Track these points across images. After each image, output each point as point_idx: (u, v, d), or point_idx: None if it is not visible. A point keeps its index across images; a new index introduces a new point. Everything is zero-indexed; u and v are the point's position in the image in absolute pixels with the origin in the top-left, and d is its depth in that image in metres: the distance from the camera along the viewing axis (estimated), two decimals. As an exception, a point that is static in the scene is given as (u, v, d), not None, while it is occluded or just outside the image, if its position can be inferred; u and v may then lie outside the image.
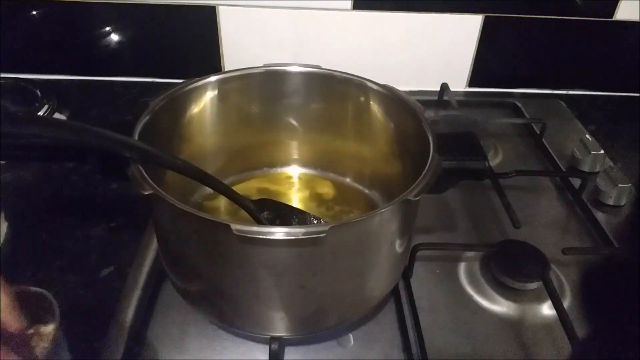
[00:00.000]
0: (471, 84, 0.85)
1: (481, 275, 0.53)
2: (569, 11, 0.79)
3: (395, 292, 0.50)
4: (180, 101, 0.50)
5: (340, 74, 0.54)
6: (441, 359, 0.45)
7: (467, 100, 0.83)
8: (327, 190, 0.59)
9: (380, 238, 0.41)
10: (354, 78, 0.53)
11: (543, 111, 0.80)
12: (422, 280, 0.52)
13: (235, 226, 0.34)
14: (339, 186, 0.59)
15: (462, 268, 0.54)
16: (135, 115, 0.44)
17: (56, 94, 0.72)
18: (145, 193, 0.36)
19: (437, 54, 0.81)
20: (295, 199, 0.58)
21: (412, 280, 0.51)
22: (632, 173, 0.67)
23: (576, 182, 0.64)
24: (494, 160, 0.70)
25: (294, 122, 0.58)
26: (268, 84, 0.55)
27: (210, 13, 0.75)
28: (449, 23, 0.78)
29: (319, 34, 0.78)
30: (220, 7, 0.75)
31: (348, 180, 0.60)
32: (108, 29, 0.77)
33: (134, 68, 0.81)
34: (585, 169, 0.67)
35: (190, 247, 0.40)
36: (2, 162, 0.63)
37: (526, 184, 0.65)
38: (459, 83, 0.84)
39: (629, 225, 0.61)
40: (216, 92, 0.53)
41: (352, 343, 0.46)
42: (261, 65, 0.54)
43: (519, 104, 0.81)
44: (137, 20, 0.76)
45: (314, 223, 0.49)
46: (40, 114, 0.67)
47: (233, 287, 0.40)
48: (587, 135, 0.69)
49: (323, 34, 0.78)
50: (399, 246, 0.44)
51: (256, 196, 0.51)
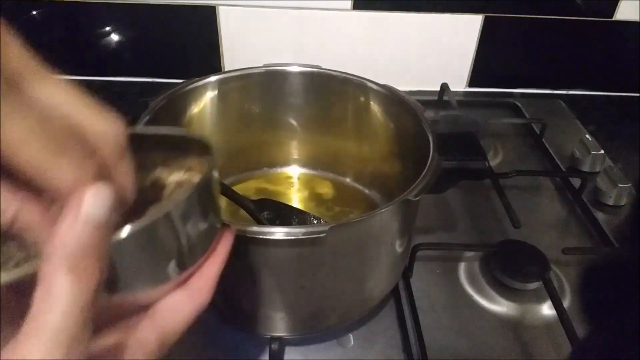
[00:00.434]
0: (471, 84, 0.85)
1: (481, 275, 0.53)
2: (569, 11, 0.78)
3: (395, 292, 0.50)
4: (180, 101, 0.50)
5: (340, 74, 0.54)
6: (441, 359, 0.45)
7: (467, 100, 0.83)
8: (327, 190, 0.59)
9: (380, 238, 0.41)
10: (354, 78, 0.53)
11: (543, 111, 0.80)
12: (422, 280, 0.52)
13: (235, 226, 0.34)
14: (339, 186, 0.59)
15: (462, 268, 0.54)
16: (135, 116, 0.44)
17: (56, 94, 0.72)
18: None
19: (437, 54, 0.81)
20: (295, 199, 0.58)
21: (412, 280, 0.51)
22: (632, 173, 0.67)
23: (576, 182, 0.64)
24: (494, 160, 0.70)
25: (294, 122, 0.58)
26: (268, 84, 0.55)
27: (210, 13, 0.75)
28: (449, 23, 0.78)
29: (319, 34, 0.78)
30: (220, 7, 0.75)
31: (348, 180, 0.60)
32: (108, 28, 0.77)
33: (133, 68, 0.81)
34: (585, 169, 0.67)
35: (190, 247, 0.40)
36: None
37: (526, 184, 0.65)
38: (459, 83, 0.84)
39: (629, 225, 0.60)
40: (216, 92, 0.53)
41: (352, 343, 0.46)
42: (261, 65, 0.54)
43: (519, 104, 0.81)
44: (137, 20, 0.76)
45: (313, 223, 0.49)
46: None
47: (233, 287, 0.40)
48: (587, 135, 0.69)
49: (323, 34, 0.78)
50: (399, 246, 0.44)
51: (256, 196, 0.51)
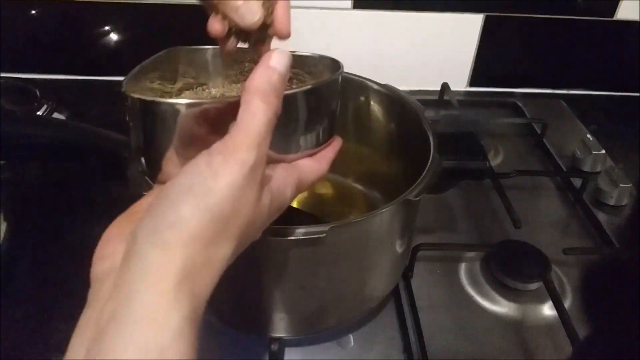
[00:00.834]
0: (472, 83, 0.85)
1: (482, 275, 0.53)
2: (570, 11, 0.78)
3: (395, 293, 0.50)
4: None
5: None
6: (442, 359, 0.45)
7: (468, 100, 0.83)
8: (327, 190, 0.59)
9: (380, 238, 0.41)
10: (354, 77, 0.53)
11: (544, 111, 0.80)
12: (423, 281, 0.52)
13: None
14: (339, 186, 0.59)
15: (463, 268, 0.54)
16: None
17: (55, 93, 0.72)
18: (145, 193, 0.36)
19: (438, 54, 0.81)
20: (295, 199, 0.58)
21: (413, 280, 0.51)
22: (633, 173, 0.67)
23: (577, 182, 0.64)
24: (495, 160, 0.70)
25: (294, 122, 0.58)
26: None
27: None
28: (450, 22, 0.78)
29: (319, 33, 0.77)
30: (220, 7, 0.75)
31: (348, 180, 0.59)
32: (108, 28, 0.77)
33: (133, 68, 0.80)
34: (586, 169, 0.67)
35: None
36: (2, 162, 0.63)
37: (527, 184, 0.65)
38: (460, 83, 0.84)
39: (630, 225, 0.60)
40: (216, 92, 0.53)
41: (352, 344, 0.46)
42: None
43: (519, 104, 0.81)
44: (137, 20, 0.76)
45: (313, 223, 0.49)
46: (40, 113, 0.67)
47: (233, 288, 0.40)
48: (588, 135, 0.69)
49: (323, 33, 0.77)
50: (399, 246, 0.44)
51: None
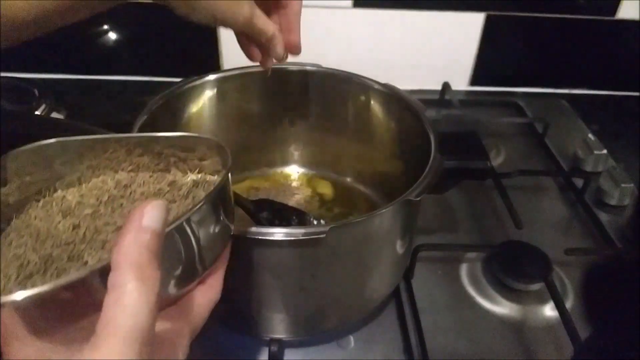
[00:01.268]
0: (473, 82, 0.84)
1: (483, 276, 0.52)
2: (571, 10, 0.78)
3: (396, 294, 0.49)
4: (178, 100, 0.50)
5: (341, 73, 0.53)
6: (443, 361, 0.45)
7: (469, 100, 0.82)
8: (327, 190, 0.59)
9: (381, 239, 0.41)
10: (355, 77, 0.53)
11: (546, 110, 0.79)
12: (424, 282, 0.51)
13: (234, 227, 0.33)
14: (339, 186, 0.59)
15: (464, 269, 0.53)
16: (134, 115, 0.44)
17: (54, 92, 0.72)
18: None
19: (439, 53, 0.80)
20: (295, 199, 0.57)
21: (413, 281, 0.51)
22: (635, 173, 0.67)
23: (579, 182, 0.63)
24: (496, 160, 0.69)
25: (294, 122, 0.58)
26: (267, 83, 0.54)
27: (209, 11, 0.75)
28: (451, 21, 0.77)
29: (319, 32, 0.77)
30: (219, 6, 0.74)
31: (348, 180, 0.59)
32: (106, 27, 0.77)
33: (132, 67, 0.80)
34: (588, 169, 0.67)
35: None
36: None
37: (528, 184, 0.65)
38: (461, 82, 0.84)
39: (631, 225, 0.60)
40: (215, 91, 0.52)
41: (353, 345, 0.46)
42: (260, 63, 0.54)
43: (521, 103, 0.81)
44: (136, 19, 0.76)
45: (313, 224, 0.49)
46: (38, 113, 0.67)
47: (232, 289, 0.40)
48: (590, 135, 0.69)
49: (323, 32, 0.77)
50: (400, 247, 0.43)
51: (255, 196, 0.51)
